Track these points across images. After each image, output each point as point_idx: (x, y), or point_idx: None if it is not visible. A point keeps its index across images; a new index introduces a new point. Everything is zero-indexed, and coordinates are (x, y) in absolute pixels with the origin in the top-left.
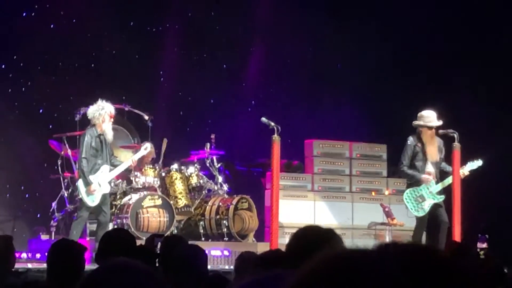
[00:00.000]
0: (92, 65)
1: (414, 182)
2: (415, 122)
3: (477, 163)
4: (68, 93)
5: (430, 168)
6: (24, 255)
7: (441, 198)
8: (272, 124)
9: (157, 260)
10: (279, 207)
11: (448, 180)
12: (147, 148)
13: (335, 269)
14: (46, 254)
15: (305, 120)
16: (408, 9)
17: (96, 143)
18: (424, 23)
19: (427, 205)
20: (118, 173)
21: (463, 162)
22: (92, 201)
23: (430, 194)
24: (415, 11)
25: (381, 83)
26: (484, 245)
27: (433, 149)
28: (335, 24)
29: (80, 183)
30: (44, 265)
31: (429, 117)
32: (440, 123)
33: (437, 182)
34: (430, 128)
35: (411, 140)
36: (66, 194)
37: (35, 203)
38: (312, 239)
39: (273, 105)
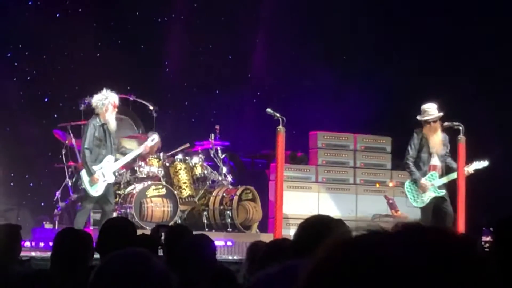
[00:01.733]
0: (98, 54)
1: (413, 180)
2: (419, 117)
3: (483, 164)
4: (73, 82)
5: (435, 161)
6: (27, 243)
7: (441, 193)
8: (277, 115)
9: (160, 249)
10: (283, 198)
11: (453, 175)
12: (154, 139)
13: (356, 256)
14: (52, 242)
15: (310, 111)
16: (414, 9)
17: (100, 133)
18: (429, 15)
19: (427, 197)
20: (124, 164)
21: (468, 155)
22: (95, 191)
23: (432, 187)
24: (420, 11)
25: (387, 75)
26: (489, 238)
27: (438, 142)
28: (342, 19)
29: (83, 173)
30: (48, 254)
31: (428, 111)
32: (440, 114)
33: (441, 176)
34: (432, 121)
35: (417, 132)
36: (70, 183)
37: (39, 192)
38: (320, 228)
39: (278, 96)
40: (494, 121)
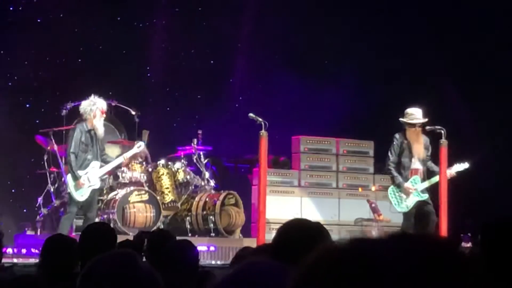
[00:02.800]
0: (79, 60)
1: (396, 185)
2: (401, 119)
3: (463, 166)
4: (54, 88)
5: (417, 165)
6: (10, 250)
7: (424, 197)
8: (260, 119)
9: (143, 256)
10: (266, 203)
11: (435, 179)
12: (140, 146)
13: (349, 262)
14: (41, 248)
15: (292, 116)
16: (395, 12)
17: (86, 138)
18: (409, 20)
19: (410, 202)
20: (109, 170)
21: (450, 159)
22: (81, 195)
23: (415, 191)
24: (401, 14)
25: (369, 80)
26: (469, 245)
27: (419, 146)
28: (324, 22)
29: (69, 178)
30: (30, 260)
31: (414, 114)
32: (425, 120)
33: (423, 180)
34: (415, 125)
35: (397, 137)
36: (52, 189)
37: (21, 198)
38: (299, 232)
39: (261, 101)
40: (476, 124)
